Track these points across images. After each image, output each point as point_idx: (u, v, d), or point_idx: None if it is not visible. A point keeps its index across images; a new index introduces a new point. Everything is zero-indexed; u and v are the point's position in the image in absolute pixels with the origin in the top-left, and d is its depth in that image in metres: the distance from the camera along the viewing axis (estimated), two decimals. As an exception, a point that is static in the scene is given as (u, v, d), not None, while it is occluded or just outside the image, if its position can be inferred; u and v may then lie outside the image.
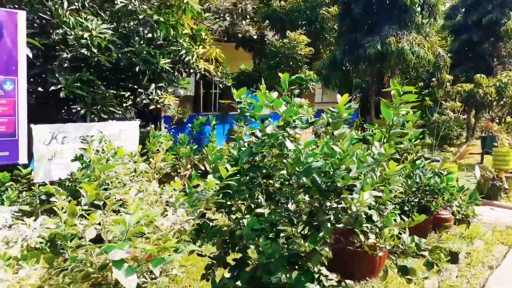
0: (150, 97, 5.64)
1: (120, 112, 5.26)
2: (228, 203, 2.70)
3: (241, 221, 2.57)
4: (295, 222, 2.53)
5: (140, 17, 4.91)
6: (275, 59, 10.18)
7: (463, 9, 14.37)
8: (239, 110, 2.94)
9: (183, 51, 5.73)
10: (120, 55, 5.12)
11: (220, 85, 13.47)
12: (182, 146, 6.71)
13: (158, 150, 5.65)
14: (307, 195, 2.54)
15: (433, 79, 9.56)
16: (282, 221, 2.49)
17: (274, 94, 2.84)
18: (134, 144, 5.31)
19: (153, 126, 8.06)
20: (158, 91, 5.70)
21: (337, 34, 9.81)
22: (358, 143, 2.85)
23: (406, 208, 4.57)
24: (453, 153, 7.62)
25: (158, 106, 5.68)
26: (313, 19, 10.40)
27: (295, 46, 9.85)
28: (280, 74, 3.02)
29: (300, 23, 10.45)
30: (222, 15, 7.90)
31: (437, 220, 5.18)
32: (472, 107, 10.83)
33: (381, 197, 2.69)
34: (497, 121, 11.39)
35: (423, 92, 14.10)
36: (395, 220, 3.07)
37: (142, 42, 5.36)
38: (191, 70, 6.15)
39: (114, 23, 5.27)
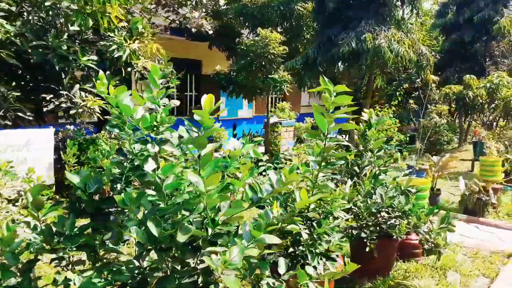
0: (74, 100, 4.82)
1: (31, 117, 4.43)
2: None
3: None
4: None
5: (47, 4, 4.09)
6: (246, 59, 9.36)
7: (454, 7, 13.58)
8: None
9: (114, 47, 4.92)
10: (30, 50, 4.30)
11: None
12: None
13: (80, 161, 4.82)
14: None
15: (418, 80, 8.78)
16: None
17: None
18: (46, 156, 4.48)
19: (103, 132, 7.26)
20: (82, 93, 4.87)
21: (313, 31, 9.01)
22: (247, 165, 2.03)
23: (363, 235, 3.74)
24: (435, 163, 6.79)
25: (80, 110, 4.86)
26: (288, 15, 9.60)
27: (267, 45, 9.03)
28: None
29: (274, 20, 9.64)
30: (175, 7, 7.08)
31: (405, 247, 4.35)
32: (462, 111, 10.02)
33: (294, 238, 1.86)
34: (488, 125, 10.59)
35: (413, 95, 13.29)
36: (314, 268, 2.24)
37: (59, 36, 4.54)
38: (129, 69, 5.33)
39: (25, 14, 4.46)
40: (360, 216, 3.82)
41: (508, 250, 4.69)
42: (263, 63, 9.15)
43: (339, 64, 8.06)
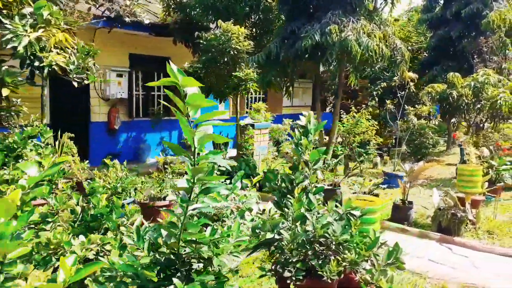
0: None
1: None
2: None
3: None
4: None
5: None
6: (207, 55, 8.52)
7: (442, 0, 12.75)
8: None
9: (9, 36, 4.07)
10: None
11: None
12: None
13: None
14: None
15: (395, 78, 7.95)
16: None
17: None
18: None
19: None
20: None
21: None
22: None
23: (287, 274, 2.90)
24: (407, 171, 5.96)
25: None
26: (255, 7, 8.76)
27: (229, 39, 8.19)
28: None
29: (240, 12, 8.79)
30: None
31: (350, 284, 3.52)
32: (446, 112, 9.20)
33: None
34: (475, 127, 9.76)
35: (399, 94, 12.46)
36: None
37: None
38: (36, 63, 4.48)
39: None
40: (285, 249, 2.98)
41: (480, 284, 3.85)
42: (225, 59, 8.31)
43: (303, 60, 7.22)
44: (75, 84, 4.49)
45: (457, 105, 8.88)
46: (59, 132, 7.16)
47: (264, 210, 3.55)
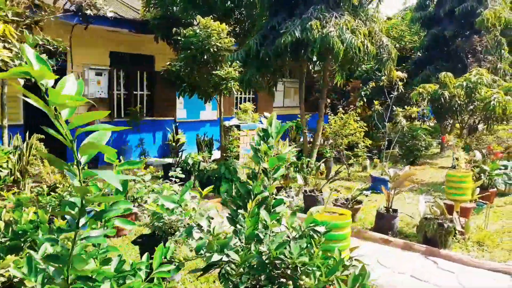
0: None
1: None
2: None
3: None
4: None
5: None
6: (187, 53, 8.09)
7: (435, -2, 12.38)
8: None
9: None
10: None
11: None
12: None
13: None
14: None
15: (383, 77, 7.54)
16: None
17: None
18: None
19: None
20: None
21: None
22: None
23: (235, 304, 2.48)
24: (391, 177, 5.55)
25: None
26: (237, 3, 8.34)
27: (209, 36, 7.77)
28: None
29: (221, 8, 8.37)
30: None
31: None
32: (438, 113, 8.79)
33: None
34: (469, 129, 9.35)
35: (391, 95, 12.06)
36: None
37: None
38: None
39: None
40: (233, 273, 2.57)
41: (464, 308, 3.44)
42: (205, 56, 7.88)
43: (285, 57, 6.80)
44: (21, 82, 4.06)
45: (449, 106, 8.49)
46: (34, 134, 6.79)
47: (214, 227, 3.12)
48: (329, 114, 9.27)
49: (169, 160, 9.94)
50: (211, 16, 8.51)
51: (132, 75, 11.05)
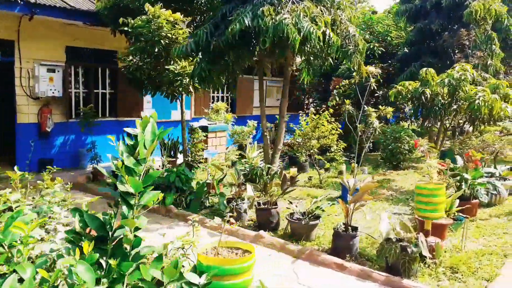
0: None
1: None
2: None
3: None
4: None
5: None
6: (137, 45, 7.26)
7: (422, -10, 11.53)
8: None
9: None
10: None
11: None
12: None
13: None
14: None
15: (354, 73, 6.73)
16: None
17: None
18: None
19: None
20: None
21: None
22: None
23: None
24: (349, 187, 4.71)
25: None
26: (194, -9, 7.51)
27: (159, 27, 6.93)
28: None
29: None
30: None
31: None
32: (419, 113, 7.95)
33: None
34: (452, 131, 8.52)
35: (376, 95, 11.23)
36: None
37: None
38: None
39: None
40: None
41: None
42: (156, 49, 7.04)
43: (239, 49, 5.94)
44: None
45: (431, 105, 7.66)
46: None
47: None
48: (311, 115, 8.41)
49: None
50: (171, 5, 7.69)
51: (92, 72, 10.20)
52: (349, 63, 5.72)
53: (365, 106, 6.81)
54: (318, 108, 8.58)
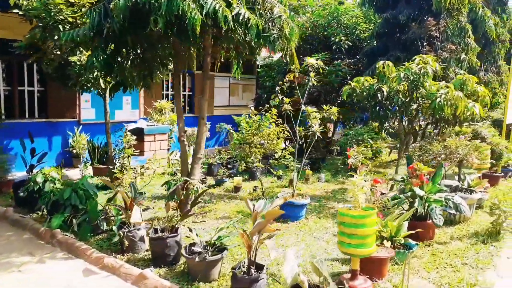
0: None
1: None
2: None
3: None
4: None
5: None
6: (32, 32, 6.03)
7: (389, -23, 10.43)
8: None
9: None
10: None
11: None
12: None
13: None
14: None
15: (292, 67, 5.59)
16: None
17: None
18: None
19: None
20: None
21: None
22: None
23: None
24: (252, 214, 3.56)
25: None
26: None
27: (58, 10, 5.70)
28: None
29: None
30: None
31: None
32: (376, 113, 6.83)
33: None
34: (414, 134, 7.42)
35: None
36: None
37: None
38: None
39: None
40: None
41: None
42: (56, 37, 5.82)
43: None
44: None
45: (390, 104, 6.56)
46: None
47: None
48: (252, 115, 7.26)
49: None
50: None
51: (16, 66, 8.92)
52: (270, 49, 4.55)
53: (303, 105, 5.68)
54: (252, 107, 7.42)
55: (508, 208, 5.10)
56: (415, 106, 6.35)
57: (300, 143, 5.77)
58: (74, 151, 9.30)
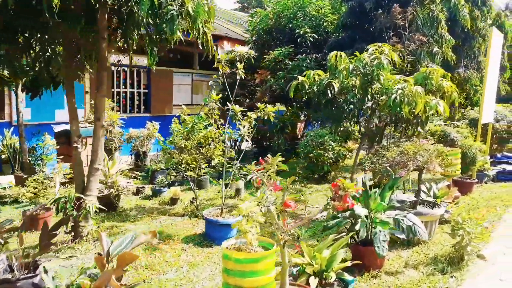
0: None
1: None
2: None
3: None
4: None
5: None
6: None
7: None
8: None
9: None
10: None
11: None
12: None
13: None
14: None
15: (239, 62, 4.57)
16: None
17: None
18: None
19: None
20: None
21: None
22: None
23: None
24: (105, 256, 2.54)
25: None
26: None
27: None
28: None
29: None
30: None
31: None
32: (328, 113, 5.85)
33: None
34: (370, 136, 6.46)
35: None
36: None
37: None
38: None
39: None
40: None
41: None
42: None
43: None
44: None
45: (343, 102, 5.60)
46: None
47: None
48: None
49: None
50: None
51: None
52: (172, 31, 3.52)
53: (228, 104, 4.69)
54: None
55: (473, 228, 4.16)
56: (369, 103, 5.38)
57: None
58: (3, 156, 8.17)
